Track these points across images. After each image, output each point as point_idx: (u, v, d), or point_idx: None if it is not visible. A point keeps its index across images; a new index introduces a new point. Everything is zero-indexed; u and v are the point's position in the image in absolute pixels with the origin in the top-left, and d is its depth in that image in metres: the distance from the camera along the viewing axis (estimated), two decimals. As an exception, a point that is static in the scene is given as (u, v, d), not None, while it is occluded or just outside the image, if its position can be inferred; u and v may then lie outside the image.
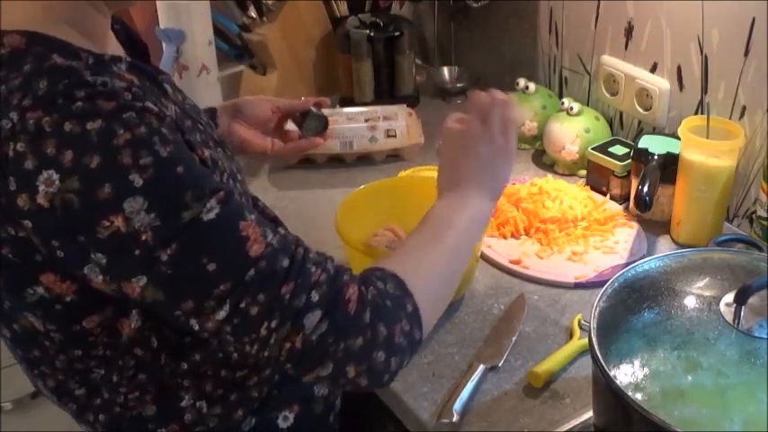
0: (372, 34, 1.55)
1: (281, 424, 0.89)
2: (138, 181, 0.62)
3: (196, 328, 0.68)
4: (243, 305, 0.66)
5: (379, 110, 1.48)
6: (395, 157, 1.44)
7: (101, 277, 0.66)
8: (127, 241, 0.63)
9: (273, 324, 0.67)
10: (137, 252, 0.64)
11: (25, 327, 0.74)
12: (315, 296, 0.68)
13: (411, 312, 0.74)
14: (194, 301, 0.66)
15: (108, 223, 0.62)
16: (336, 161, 1.44)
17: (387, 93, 1.61)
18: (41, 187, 0.61)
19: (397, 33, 1.57)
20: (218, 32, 1.52)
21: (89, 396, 0.81)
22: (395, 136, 1.42)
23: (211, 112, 1.12)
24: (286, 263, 0.68)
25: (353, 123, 1.43)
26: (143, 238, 0.63)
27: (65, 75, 0.64)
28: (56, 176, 0.61)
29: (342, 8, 1.66)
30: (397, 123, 1.43)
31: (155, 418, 0.81)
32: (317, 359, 0.69)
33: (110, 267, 0.65)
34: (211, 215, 0.65)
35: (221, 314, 0.66)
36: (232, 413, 0.84)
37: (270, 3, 1.56)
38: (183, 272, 0.65)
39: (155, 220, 0.63)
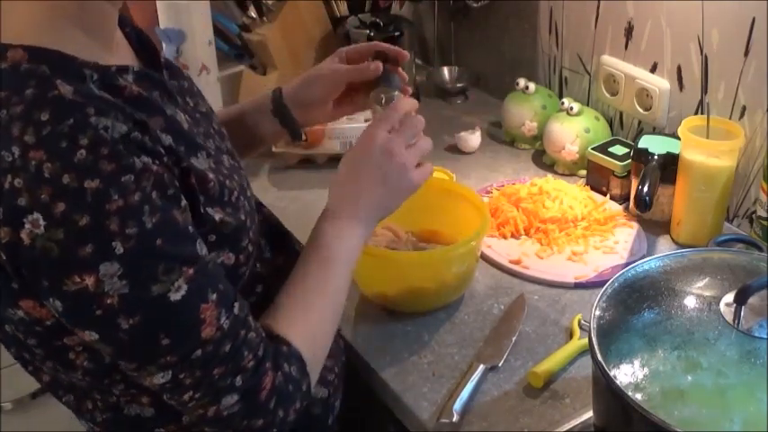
0: (372, 34, 1.55)
1: None
2: (119, 249, 0.63)
3: (134, 375, 0.71)
4: (181, 376, 0.70)
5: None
6: (395, 157, 1.44)
7: (57, 314, 0.67)
8: (91, 300, 0.64)
9: (197, 395, 0.71)
10: (98, 312, 0.65)
11: (14, 332, 0.74)
12: (238, 381, 0.72)
13: (305, 392, 0.79)
14: (138, 363, 0.69)
15: (78, 280, 0.63)
16: (336, 161, 1.41)
17: (387, 93, 1.61)
18: (27, 225, 0.62)
19: (397, 33, 1.57)
20: (218, 32, 1.52)
21: (84, 396, 0.81)
22: (395, 136, 1.42)
23: (280, 107, 1.02)
24: (228, 348, 0.71)
25: (353, 123, 1.43)
26: (108, 301, 0.64)
27: (69, 113, 0.63)
28: (42, 222, 0.61)
29: (342, 8, 1.66)
30: (397, 123, 1.43)
31: (154, 419, 0.81)
32: (221, 427, 0.75)
33: (65, 314, 0.66)
34: (177, 296, 0.67)
35: (159, 378, 0.70)
36: None
37: (270, 3, 1.56)
38: (137, 340, 0.67)
39: (124, 287, 0.64)
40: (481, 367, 0.93)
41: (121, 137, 0.64)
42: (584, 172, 1.34)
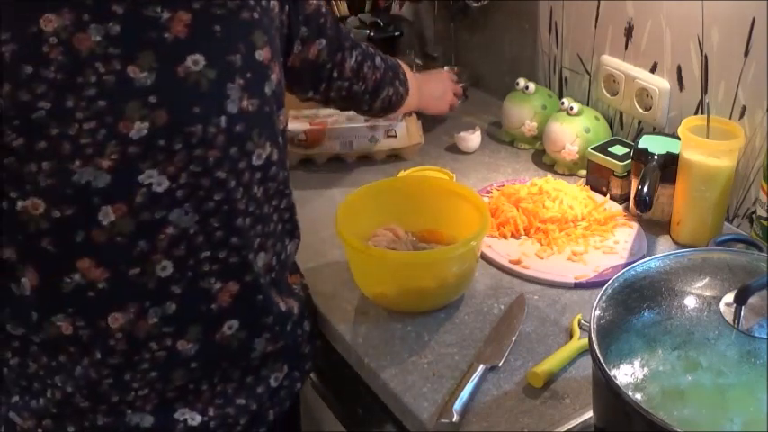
0: (372, 34, 1.55)
1: None
2: None
3: None
4: None
5: (380, 110, 1.48)
6: (395, 157, 1.44)
7: None
8: None
9: None
10: None
11: None
12: None
13: None
14: None
15: None
16: (336, 161, 1.44)
17: (387, 93, 1.61)
18: None
19: (397, 33, 1.57)
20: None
21: None
22: (395, 136, 1.42)
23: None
24: None
25: (353, 123, 1.43)
26: None
27: None
28: None
29: (342, 8, 1.67)
30: (397, 123, 1.43)
31: None
32: None
33: None
34: None
35: None
36: None
37: (270, 3, 1.56)
38: None
39: None
40: (481, 367, 0.93)
41: None
42: (584, 172, 1.34)
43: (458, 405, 0.88)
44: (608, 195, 1.27)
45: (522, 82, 1.44)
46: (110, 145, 0.79)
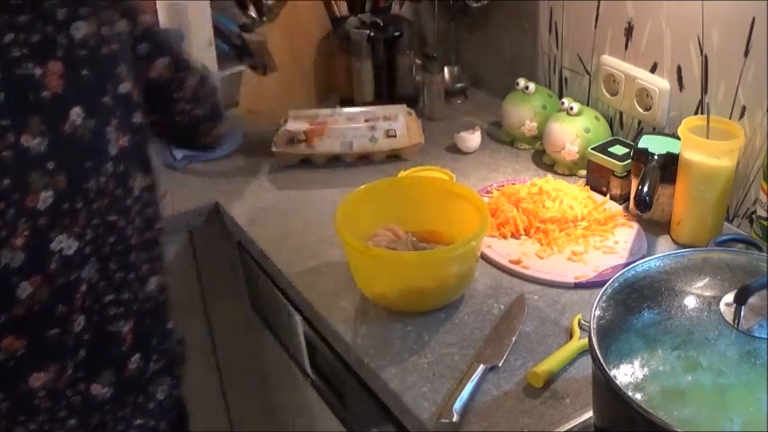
0: (372, 34, 1.55)
1: None
2: None
3: None
4: None
5: (379, 110, 1.48)
6: (395, 157, 1.44)
7: None
8: None
9: None
10: None
11: None
12: None
13: None
14: None
15: None
16: (336, 161, 1.44)
17: (387, 93, 1.61)
18: None
19: (397, 33, 1.57)
20: (218, 32, 1.52)
21: None
22: (395, 136, 1.42)
23: None
24: None
25: (353, 123, 1.43)
26: None
27: None
28: None
29: (342, 8, 1.66)
30: (397, 123, 1.43)
31: None
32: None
33: None
34: None
35: None
36: None
37: (270, 3, 1.56)
38: None
39: None
40: (481, 367, 0.93)
41: None
42: (584, 172, 1.34)
43: (458, 405, 0.88)
44: (608, 195, 1.27)
45: (522, 82, 1.44)
46: (20, 222, 0.77)
